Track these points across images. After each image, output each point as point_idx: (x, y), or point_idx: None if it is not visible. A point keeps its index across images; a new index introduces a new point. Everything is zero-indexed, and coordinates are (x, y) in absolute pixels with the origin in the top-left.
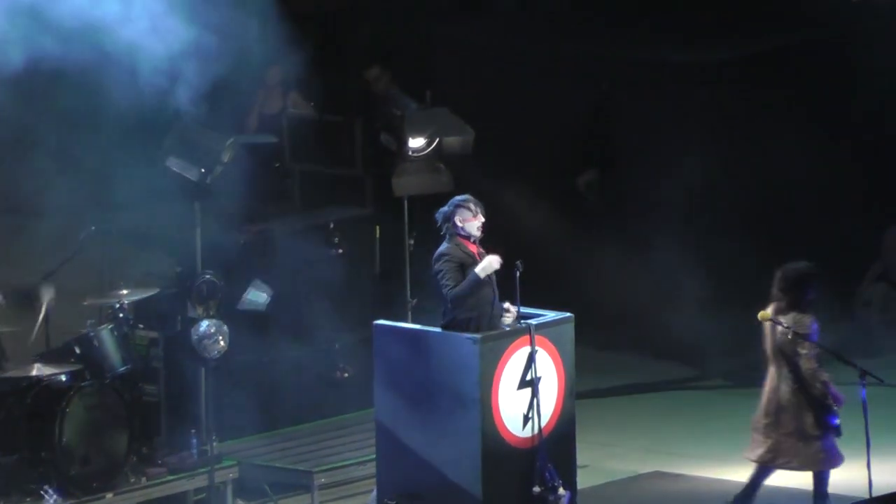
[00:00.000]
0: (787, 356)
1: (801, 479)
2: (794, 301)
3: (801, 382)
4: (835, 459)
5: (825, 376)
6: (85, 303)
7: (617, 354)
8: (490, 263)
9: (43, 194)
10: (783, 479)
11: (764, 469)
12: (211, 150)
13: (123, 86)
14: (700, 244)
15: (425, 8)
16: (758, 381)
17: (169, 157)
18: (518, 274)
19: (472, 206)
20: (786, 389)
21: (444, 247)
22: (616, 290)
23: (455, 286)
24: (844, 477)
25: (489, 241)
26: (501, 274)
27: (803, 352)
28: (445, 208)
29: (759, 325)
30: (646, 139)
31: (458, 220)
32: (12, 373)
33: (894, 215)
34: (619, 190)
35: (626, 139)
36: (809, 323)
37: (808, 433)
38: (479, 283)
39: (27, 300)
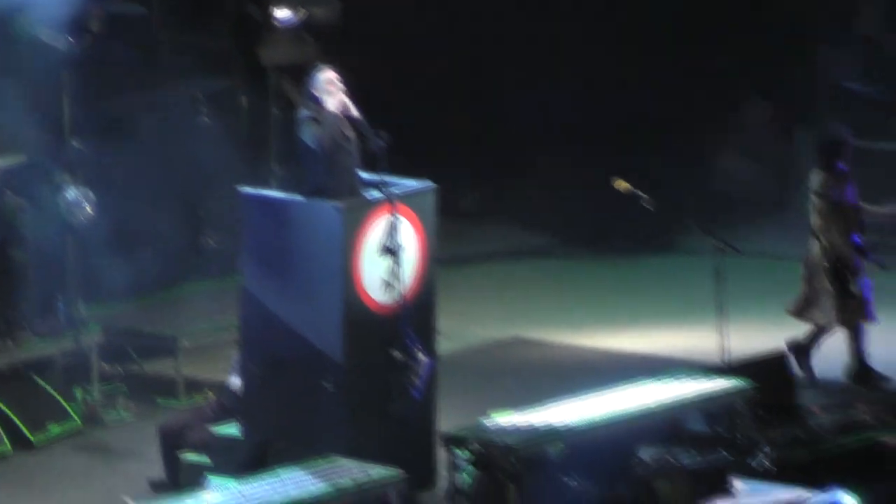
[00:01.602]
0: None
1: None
2: (821, 161)
3: (817, 238)
4: (859, 316)
5: (834, 236)
6: None
7: (477, 223)
8: (323, 84)
9: None
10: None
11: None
12: (79, 20)
13: None
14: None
15: None
16: (616, 250)
17: (38, 27)
18: (381, 144)
19: (334, 78)
20: (814, 246)
21: (306, 112)
22: (474, 159)
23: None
24: (699, 343)
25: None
26: (364, 146)
27: (816, 208)
28: (313, 79)
29: (619, 195)
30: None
31: (320, 91)
32: None
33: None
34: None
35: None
36: (823, 181)
37: (825, 289)
38: (324, 119)
39: None
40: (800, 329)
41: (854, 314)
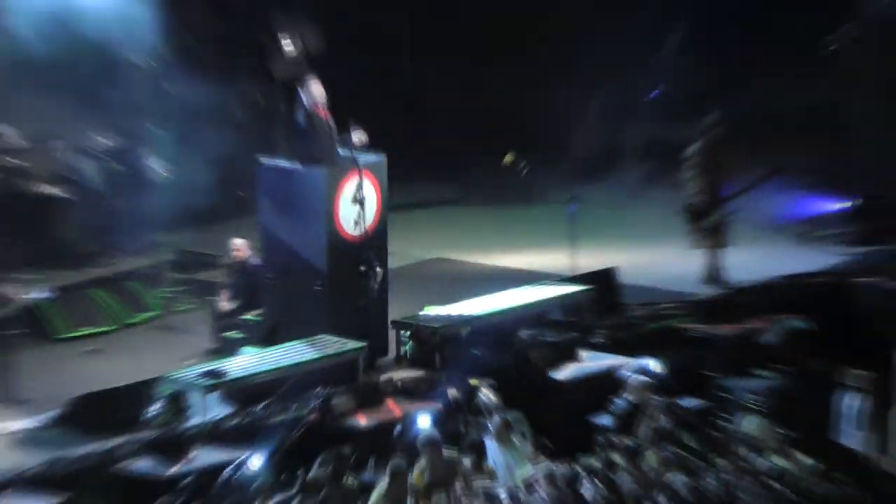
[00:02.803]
0: None
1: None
2: (701, 136)
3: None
4: (710, 243)
5: (696, 187)
6: None
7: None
8: (312, 93)
9: None
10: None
11: None
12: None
13: None
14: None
15: None
16: (504, 200)
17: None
18: (356, 135)
19: (315, 82)
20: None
21: (303, 109)
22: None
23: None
24: (559, 262)
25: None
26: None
27: (689, 166)
28: (307, 87)
29: (507, 165)
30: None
31: (312, 96)
32: None
33: None
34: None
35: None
36: (696, 149)
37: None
38: (314, 114)
39: None
40: (621, 254)
41: (705, 241)
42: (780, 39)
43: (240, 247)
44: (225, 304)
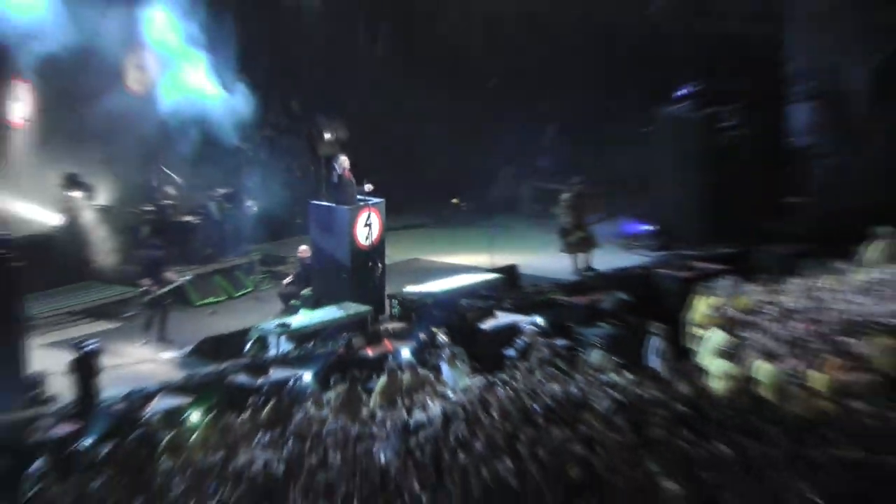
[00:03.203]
0: None
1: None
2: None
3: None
4: (576, 250)
5: (567, 220)
6: None
7: (398, 212)
8: (341, 162)
9: None
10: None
11: None
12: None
13: None
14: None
15: None
16: (453, 225)
17: (225, 134)
18: (366, 186)
19: (347, 159)
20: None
21: (336, 172)
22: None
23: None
24: (484, 261)
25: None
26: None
27: (562, 207)
28: (339, 161)
29: (456, 205)
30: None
31: (341, 165)
32: None
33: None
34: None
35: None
36: (566, 197)
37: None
38: (342, 175)
39: None
40: (521, 257)
41: (571, 250)
42: (618, 128)
43: (302, 249)
44: (291, 279)
